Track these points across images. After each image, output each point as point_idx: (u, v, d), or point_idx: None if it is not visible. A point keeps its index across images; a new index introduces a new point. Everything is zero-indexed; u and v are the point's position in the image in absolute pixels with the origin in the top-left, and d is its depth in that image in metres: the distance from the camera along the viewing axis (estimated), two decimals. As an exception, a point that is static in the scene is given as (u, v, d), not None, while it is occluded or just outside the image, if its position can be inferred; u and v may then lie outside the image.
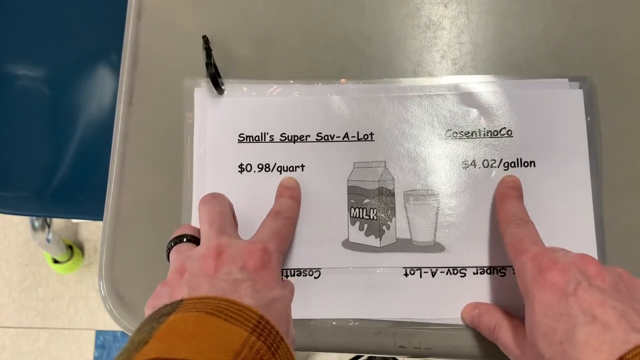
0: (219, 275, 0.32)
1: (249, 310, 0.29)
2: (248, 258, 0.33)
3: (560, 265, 0.31)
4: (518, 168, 0.42)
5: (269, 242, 0.35)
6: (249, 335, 0.27)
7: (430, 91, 0.43)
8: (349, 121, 0.43)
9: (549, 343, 0.30)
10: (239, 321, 0.28)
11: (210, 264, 0.32)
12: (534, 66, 0.44)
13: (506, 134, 0.42)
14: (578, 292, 0.30)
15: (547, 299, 0.30)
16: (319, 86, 0.44)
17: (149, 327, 0.28)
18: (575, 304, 0.29)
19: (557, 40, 0.44)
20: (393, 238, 0.41)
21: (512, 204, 0.39)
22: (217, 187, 0.42)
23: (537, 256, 0.33)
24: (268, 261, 0.34)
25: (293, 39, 0.45)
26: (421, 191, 0.42)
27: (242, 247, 0.34)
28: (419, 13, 0.45)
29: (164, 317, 0.28)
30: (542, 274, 0.31)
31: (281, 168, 0.43)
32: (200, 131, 0.43)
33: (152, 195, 0.43)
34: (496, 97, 0.43)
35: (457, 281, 0.41)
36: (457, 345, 0.40)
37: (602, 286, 0.30)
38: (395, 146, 0.42)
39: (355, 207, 0.42)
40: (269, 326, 0.29)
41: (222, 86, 0.43)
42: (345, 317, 0.40)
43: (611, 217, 0.41)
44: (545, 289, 0.31)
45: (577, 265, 0.31)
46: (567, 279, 0.30)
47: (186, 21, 0.46)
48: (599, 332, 0.28)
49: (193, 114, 0.43)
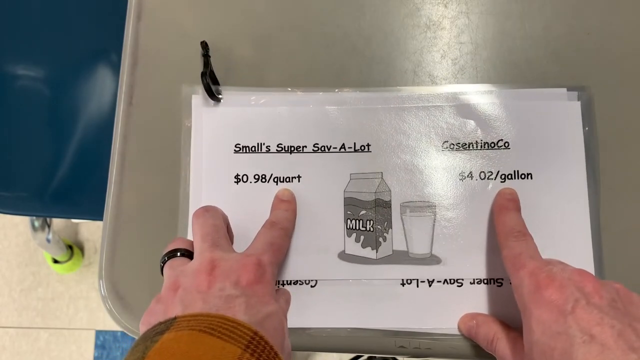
0: (212, 292, 0.32)
1: (242, 326, 0.29)
2: (241, 273, 0.33)
3: (557, 282, 0.31)
4: (515, 180, 0.42)
5: (263, 255, 0.35)
6: (243, 352, 0.27)
7: (428, 102, 0.43)
8: (345, 132, 0.43)
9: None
10: (232, 338, 0.28)
11: (203, 279, 0.32)
12: (534, 66, 0.44)
13: (503, 146, 0.42)
14: (576, 311, 0.30)
15: (545, 317, 0.30)
16: (317, 95, 0.43)
17: (142, 346, 0.28)
18: (574, 323, 0.29)
19: (557, 41, 0.44)
20: (389, 250, 0.41)
21: (510, 217, 0.39)
22: (213, 197, 0.42)
23: (534, 272, 0.33)
24: (262, 275, 0.34)
25: (293, 39, 0.45)
26: (418, 203, 0.42)
27: (235, 261, 0.34)
28: (419, 13, 0.45)
29: (158, 335, 0.28)
30: (540, 291, 0.31)
31: (277, 179, 0.42)
32: (196, 140, 0.43)
33: (152, 195, 0.43)
34: (493, 108, 0.43)
35: (454, 291, 0.40)
36: (456, 345, 0.40)
37: (599, 304, 0.30)
38: (392, 157, 0.42)
39: (351, 218, 0.42)
40: (263, 342, 0.28)
41: (219, 95, 0.43)
42: (342, 326, 0.40)
43: (608, 228, 0.41)
44: (543, 307, 0.31)
45: (575, 281, 0.31)
46: (565, 297, 0.30)
47: (186, 21, 0.46)
48: (597, 352, 0.28)
49: (191, 120, 0.43)
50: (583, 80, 0.43)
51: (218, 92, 0.43)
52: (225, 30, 0.45)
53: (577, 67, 0.44)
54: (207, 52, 0.43)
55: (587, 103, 0.42)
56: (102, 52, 0.77)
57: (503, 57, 0.44)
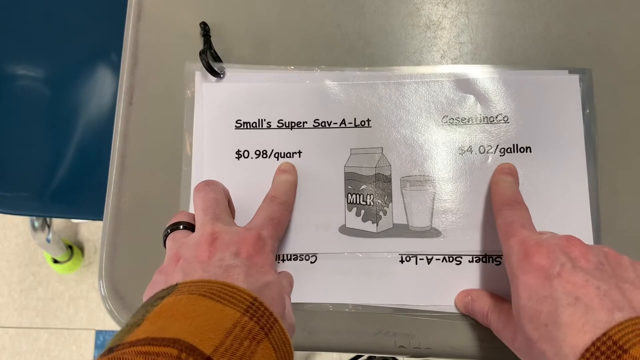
0: (212, 262, 0.32)
1: (242, 292, 0.29)
2: (241, 245, 0.33)
3: (545, 248, 0.31)
4: (514, 154, 0.42)
5: (263, 229, 0.35)
6: (242, 315, 0.28)
7: (428, 78, 0.43)
8: (345, 108, 0.43)
9: (535, 326, 0.30)
10: (231, 302, 0.28)
11: (204, 250, 0.33)
12: (534, 66, 0.44)
13: (502, 120, 0.42)
14: (562, 274, 0.30)
15: (532, 283, 0.31)
16: (317, 73, 0.44)
17: (143, 310, 0.28)
18: (559, 286, 0.29)
19: (557, 40, 0.44)
20: (390, 223, 0.42)
21: (507, 187, 0.39)
22: (215, 173, 0.42)
23: (524, 240, 0.33)
24: (262, 247, 0.34)
25: (293, 39, 0.45)
26: (418, 177, 0.42)
27: (236, 233, 0.34)
28: (419, 13, 0.45)
29: (158, 300, 0.29)
30: (527, 257, 0.32)
31: (278, 154, 0.43)
32: (198, 116, 0.43)
33: (152, 195, 0.43)
34: (493, 83, 0.43)
35: (452, 269, 0.41)
36: (457, 345, 0.40)
37: (586, 267, 0.30)
38: (392, 132, 0.43)
39: (352, 193, 0.42)
40: (263, 307, 0.29)
41: (221, 72, 0.43)
42: (341, 302, 0.41)
43: (607, 201, 0.41)
44: (530, 273, 0.31)
45: (562, 247, 0.31)
46: (551, 262, 0.30)
47: (186, 21, 0.46)
48: (582, 312, 0.28)
49: (194, 91, 0.44)
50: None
51: (221, 70, 0.43)
52: (225, 30, 0.45)
53: (577, 67, 0.44)
54: (207, 31, 0.43)
55: (588, 85, 0.42)
56: (102, 52, 0.77)
57: (503, 57, 0.44)
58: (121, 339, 0.26)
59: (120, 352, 0.24)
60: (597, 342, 0.26)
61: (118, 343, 0.26)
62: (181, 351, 0.24)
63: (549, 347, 0.28)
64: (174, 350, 0.24)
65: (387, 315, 0.41)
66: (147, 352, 0.24)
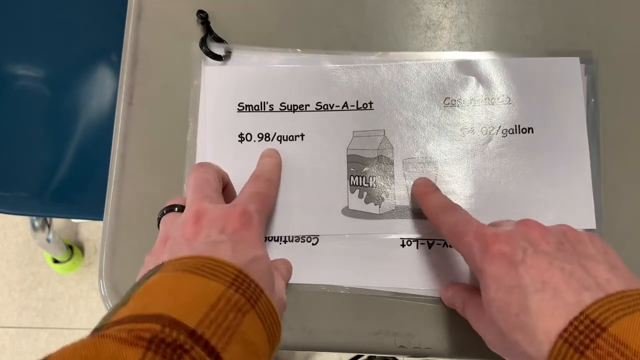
0: (198, 239, 0.32)
1: (227, 265, 0.29)
2: (227, 220, 0.33)
3: (504, 235, 0.31)
4: (516, 134, 0.42)
5: (249, 204, 0.35)
6: (227, 289, 0.28)
7: (429, 60, 0.43)
8: (348, 90, 0.43)
9: (505, 317, 0.29)
10: (216, 276, 0.28)
11: (190, 228, 0.33)
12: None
13: (505, 101, 0.42)
14: (526, 260, 0.30)
15: (498, 272, 0.30)
16: (319, 55, 0.44)
17: (130, 291, 0.28)
18: (525, 273, 0.29)
19: (557, 40, 0.44)
20: (392, 205, 0.42)
21: (433, 198, 0.38)
22: (218, 156, 0.42)
23: (479, 233, 0.32)
24: (248, 221, 0.34)
25: (293, 39, 0.45)
26: (420, 159, 0.42)
27: (222, 210, 0.34)
28: (419, 13, 0.45)
29: (144, 280, 0.29)
30: (488, 247, 0.31)
31: (281, 137, 0.43)
32: (201, 99, 0.44)
33: (152, 195, 0.43)
34: (495, 65, 0.43)
35: (453, 254, 0.41)
36: (457, 345, 0.40)
37: (547, 249, 0.30)
38: (394, 115, 0.43)
39: (354, 175, 0.42)
40: (248, 279, 0.29)
41: (227, 52, 0.44)
42: (340, 284, 0.41)
43: (608, 182, 0.41)
44: (495, 262, 0.30)
45: (521, 232, 0.31)
46: (513, 248, 0.30)
47: (186, 21, 0.46)
48: (551, 297, 0.28)
49: (200, 79, 0.44)
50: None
51: (227, 50, 0.44)
52: (225, 31, 0.45)
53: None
54: (205, 18, 0.43)
55: (592, 72, 0.42)
56: (102, 52, 0.77)
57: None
58: (106, 320, 0.26)
59: (105, 332, 0.24)
60: (575, 321, 0.26)
61: (103, 324, 0.26)
62: (164, 326, 0.24)
63: (522, 337, 0.28)
64: (157, 325, 0.24)
65: (387, 315, 0.41)
66: (131, 329, 0.24)
